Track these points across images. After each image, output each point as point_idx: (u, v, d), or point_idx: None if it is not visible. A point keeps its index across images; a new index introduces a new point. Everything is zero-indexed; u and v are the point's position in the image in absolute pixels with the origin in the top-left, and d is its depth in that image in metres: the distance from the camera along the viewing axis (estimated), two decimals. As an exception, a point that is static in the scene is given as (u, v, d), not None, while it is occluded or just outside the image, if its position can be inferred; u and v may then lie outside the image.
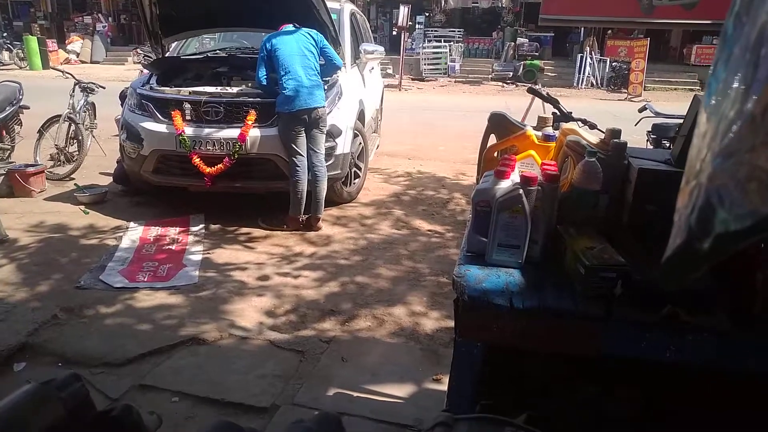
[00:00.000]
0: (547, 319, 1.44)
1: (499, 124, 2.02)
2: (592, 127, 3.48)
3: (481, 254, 1.65)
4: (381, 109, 7.66)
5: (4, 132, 6.13)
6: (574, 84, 17.61)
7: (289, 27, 4.39)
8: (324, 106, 4.39)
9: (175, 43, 5.87)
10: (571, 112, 3.51)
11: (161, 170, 4.74)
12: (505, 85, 17.87)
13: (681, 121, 4.34)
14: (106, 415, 0.63)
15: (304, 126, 4.33)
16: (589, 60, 17.58)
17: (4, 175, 5.36)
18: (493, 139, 2.05)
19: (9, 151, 6.14)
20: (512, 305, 1.44)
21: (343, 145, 4.81)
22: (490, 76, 18.79)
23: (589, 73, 17.65)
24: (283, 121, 4.33)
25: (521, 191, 1.55)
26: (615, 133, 1.85)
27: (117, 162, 5.50)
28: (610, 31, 19.14)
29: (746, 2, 0.48)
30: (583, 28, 19.66)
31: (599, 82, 17.67)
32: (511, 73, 18.39)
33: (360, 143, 5.25)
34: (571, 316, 1.42)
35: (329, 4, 5.26)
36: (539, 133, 1.89)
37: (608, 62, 17.50)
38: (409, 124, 9.74)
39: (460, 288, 1.51)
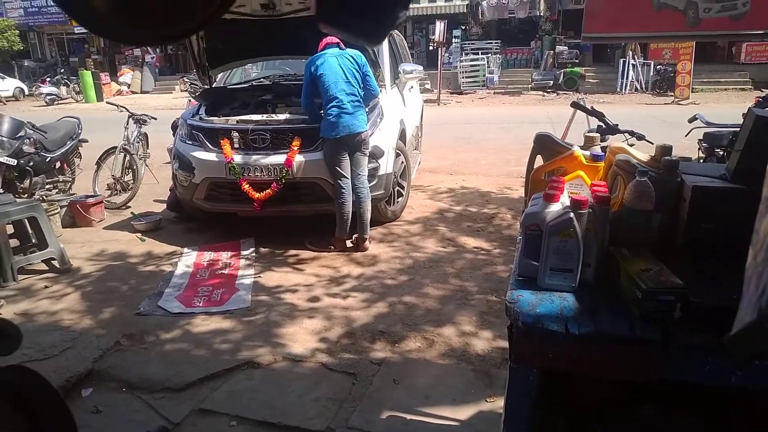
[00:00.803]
0: (604, 345, 1.42)
1: (545, 144, 2.01)
2: (640, 138, 3.41)
3: (532, 278, 1.64)
4: (421, 125, 7.71)
5: (66, 165, 6.48)
6: (618, 89, 17.25)
7: (334, 47, 4.47)
8: (366, 130, 4.46)
9: (221, 73, 6.09)
10: (617, 124, 3.45)
11: (212, 197, 4.91)
12: (545, 94, 17.67)
13: (734, 129, 4.21)
14: None
15: (347, 150, 4.42)
16: (632, 64, 17.21)
17: (66, 207, 5.66)
18: (539, 160, 2.04)
19: (70, 183, 6.48)
20: (567, 331, 1.43)
21: (386, 165, 4.87)
22: (529, 86, 18.63)
23: (632, 78, 17.27)
24: (328, 145, 4.43)
25: (572, 215, 1.54)
26: (666, 150, 1.81)
27: (170, 190, 5.72)
28: (653, 34, 18.60)
29: None
30: (624, 33, 19.20)
31: (644, 86, 17.25)
32: (552, 82, 18.18)
33: (402, 162, 5.30)
34: (629, 342, 1.39)
35: (367, 27, 5.35)
36: (587, 153, 1.87)
37: (652, 65, 17.09)
38: (450, 139, 9.75)
39: (513, 314, 1.51)
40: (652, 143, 2.48)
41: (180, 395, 2.82)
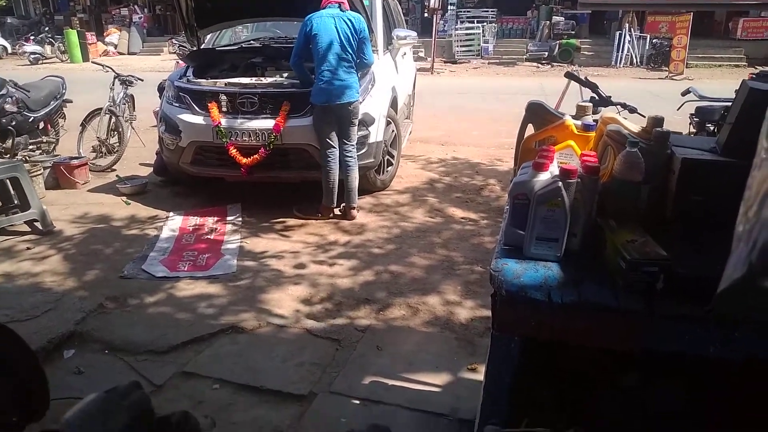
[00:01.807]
0: (587, 314, 1.42)
1: (536, 113, 1.98)
2: (633, 111, 3.38)
3: (518, 247, 1.62)
4: (413, 94, 7.61)
5: (50, 126, 6.34)
6: (613, 63, 17.10)
7: (335, 7, 4.29)
8: (357, 100, 4.38)
9: (210, 34, 5.94)
10: (610, 96, 3.42)
11: (199, 161, 4.84)
12: (540, 65, 17.49)
13: (726, 104, 4.18)
14: (166, 420, 0.66)
15: (337, 118, 4.34)
16: (627, 37, 17.03)
17: (50, 168, 5.56)
18: (530, 129, 2.01)
19: (54, 144, 6.35)
20: (551, 300, 1.42)
21: (376, 133, 4.81)
22: (524, 56, 18.41)
23: (628, 51, 17.11)
24: (317, 112, 4.35)
25: (560, 184, 1.52)
26: (657, 121, 1.79)
27: (156, 154, 5.63)
28: (650, 7, 18.42)
29: None
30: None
31: (639, 60, 17.11)
32: (547, 53, 17.97)
33: (393, 131, 5.24)
34: (612, 311, 1.39)
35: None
36: (578, 123, 1.84)
37: (648, 39, 16.92)
38: (442, 109, 9.65)
39: (497, 282, 1.50)
40: (644, 116, 2.45)
41: (163, 358, 2.82)
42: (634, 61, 17.12)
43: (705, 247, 1.50)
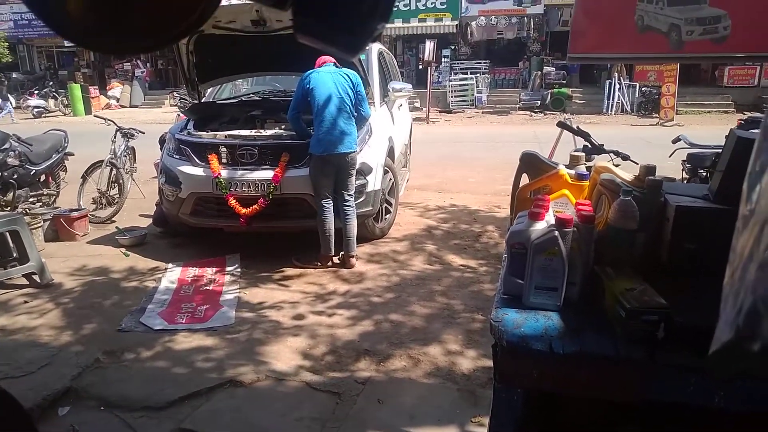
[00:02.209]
0: (588, 364, 1.42)
1: (531, 163, 2.02)
2: (625, 158, 3.44)
3: (518, 296, 1.63)
4: (410, 143, 7.74)
5: (51, 178, 6.41)
6: (604, 110, 17.49)
7: (330, 65, 4.45)
8: (355, 151, 4.46)
9: (211, 88, 6.10)
10: (602, 144, 3.49)
11: (198, 212, 4.87)
12: (533, 114, 17.86)
13: (717, 151, 4.27)
14: None
15: (334, 169, 4.41)
16: (617, 86, 17.49)
17: (50, 220, 5.59)
18: (525, 179, 2.05)
19: (54, 197, 6.40)
20: (552, 350, 1.42)
21: (374, 182, 4.87)
22: (517, 105, 18.83)
23: (618, 99, 17.54)
24: (315, 162, 4.42)
25: (557, 233, 1.54)
26: (650, 169, 1.83)
27: (156, 205, 5.67)
28: (638, 57, 18.98)
29: None
30: (610, 55, 19.58)
31: (629, 107, 17.52)
32: (539, 102, 18.39)
33: (390, 179, 5.31)
34: (613, 361, 1.39)
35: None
36: (572, 172, 1.88)
37: (638, 87, 17.38)
38: (438, 157, 9.79)
39: (498, 333, 1.50)
40: (637, 163, 2.50)
41: (160, 414, 2.76)
42: (625, 108, 17.53)
43: (702, 295, 1.51)
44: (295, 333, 3.57)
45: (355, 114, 4.46)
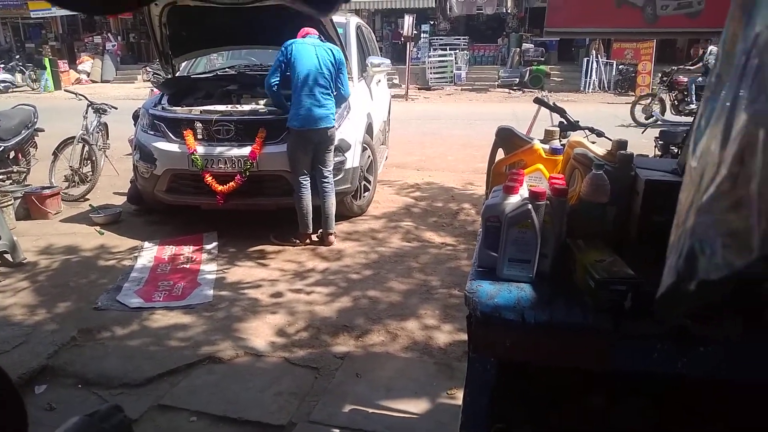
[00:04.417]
0: (558, 334, 1.45)
1: (506, 138, 2.04)
2: (600, 135, 3.48)
3: (492, 269, 1.66)
4: (388, 120, 7.71)
5: (20, 155, 6.25)
6: (581, 88, 17.60)
7: (314, 38, 4.36)
8: (334, 126, 4.43)
9: (185, 62, 5.97)
10: (578, 121, 3.52)
11: (174, 189, 4.81)
12: (511, 91, 17.89)
13: (687, 128, 4.34)
14: None
15: (312, 144, 4.38)
16: (595, 64, 17.59)
17: (20, 198, 5.46)
18: (501, 154, 2.07)
19: (25, 174, 6.25)
20: (524, 320, 1.46)
21: (353, 159, 4.85)
22: (496, 83, 18.83)
23: (595, 77, 17.66)
24: (293, 137, 4.38)
25: (530, 206, 1.57)
26: (621, 144, 1.86)
27: (130, 182, 5.58)
28: (615, 34, 19.12)
29: (725, 65, 0.51)
30: (588, 32, 19.67)
31: (606, 85, 17.66)
32: (518, 80, 18.41)
33: (369, 156, 5.30)
34: (582, 330, 1.43)
35: (336, 18, 5.34)
36: (546, 147, 1.90)
37: (615, 65, 17.50)
38: (417, 135, 9.78)
39: (472, 304, 1.53)
40: (611, 140, 2.54)
41: (138, 391, 2.76)
42: (602, 86, 17.66)
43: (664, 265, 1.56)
44: (273, 310, 3.58)
45: (335, 92, 4.41)
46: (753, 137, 0.47)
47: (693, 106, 10.34)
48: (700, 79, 11.12)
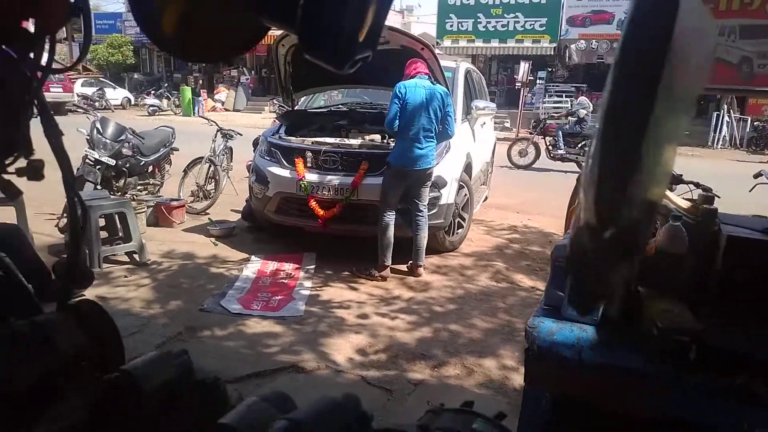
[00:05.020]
0: (616, 377, 1.47)
1: (587, 184, 2.08)
2: (706, 190, 3.32)
3: (558, 308, 1.71)
4: (492, 162, 7.77)
5: (157, 170, 7.07)
6: (709, 143, 16.50)
7: (424, 78, 4.51)
8: (433, 166, 4.57)
9: (305, 97, 6.50)
10: (681, 175, 3.40)
11: (282, 211, 5.22)
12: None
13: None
14: (202, 381, 0.84)
15: (407, 181, 4.55)
16: (726, 119, 16.45)
17: (152, 207, 6.18)
18: (582, 199, 2.11)
19: (159, 187, 7.05)
20: (581, 358, 1.49)
21: (448, 195, 4.99)
22: (612, 132, 18.16)
23: (726, 133, 16.49)
24: (390, 172, 4.58)
25: (598, 249, 1.61)
26: (708, 199, 1.84)
27: (246, 201, 6.11)
28: (752, 89, 17.84)
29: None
30: (720, 85, 18.51)
31: (739, 142, 16.41)
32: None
33: (465, 194, 5.40)
34: (640, 376, 1.44)
35: (446, 63, 5.58)
36: (627, 195, 1.92)
37: (749, 121, 16.25)
38: (522, 178, 9.72)
39: (531, 338, 1.59)
40: (719, 197, 2.44)
41: (229, 387, 3.02)
42: (735, 143, 16.44)
43: (741, 323, 1.52)
44: (357, 330, 3.76)
45: (440, 129, 4.58)
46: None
47: None
48: None
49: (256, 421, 0.70)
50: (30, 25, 0.75)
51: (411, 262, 4.78)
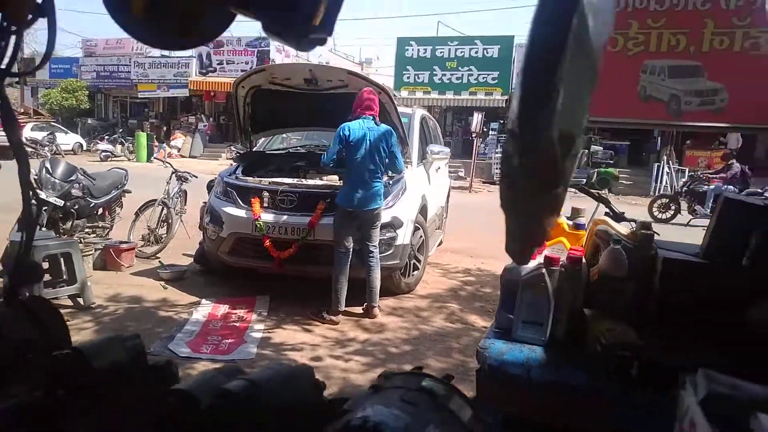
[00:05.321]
0: (563, 394, 1.49)
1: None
2: (645, 224, 3.49)
3: (509, 330, 1.74)
4: (447, 207, 7.93)
5: (107, 212, 6.88)
6: (651, 193, 17.32)
7: (369, 119, 4.57)
8: (380, 207, 4.61)
9: (263, 139, 6.54)
10: (623, 213, 3.56)
11: (236, 252, 5.13)
12: (577, 191, 17.82)
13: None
14: (153, 365, 0.82)
15: (358, 222, 4.57)
16: (666, 169, 17.38)
17: (101, 250, 5.97)
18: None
19: (108, 230, 6.84)
20: (530, 377, 1.51)
21: (404, 236, 5.03)
22: (562, 182, 18.86)
23: (666, 183, 17.38)
24: (339, 213, 4.59)
25: (544, 271, 1.66)
26: (645, 225, 1.94)
27: (199, 244, 5.99)
28: (688, 141, 19.00)
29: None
30: (660, 138, 19.68)
31: (678, 193, 17.30)
32: (585, 180, 18.37)
33: (421, 236, 5.47)
34: (586, 393, 1.46)
35: (403, 110, 5.75)
36: (570, 222, 2.01)
37: (687, 172, 17.22)
38: (476, 224, 9.89)
39: (482, 358, 1.61)
40: (658, 234, 2.56)
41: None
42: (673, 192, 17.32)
43: (682, 340, 1.58)
44: (310, 372, 3.67)
45: (387, 170, 4.66)
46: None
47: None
48: (724, 187, 11.61)
49: (210, 384, 0.69)
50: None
51: (366, 303, 4.75)
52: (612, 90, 2.15)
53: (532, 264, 1.72)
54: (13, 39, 0.81)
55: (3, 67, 0.83)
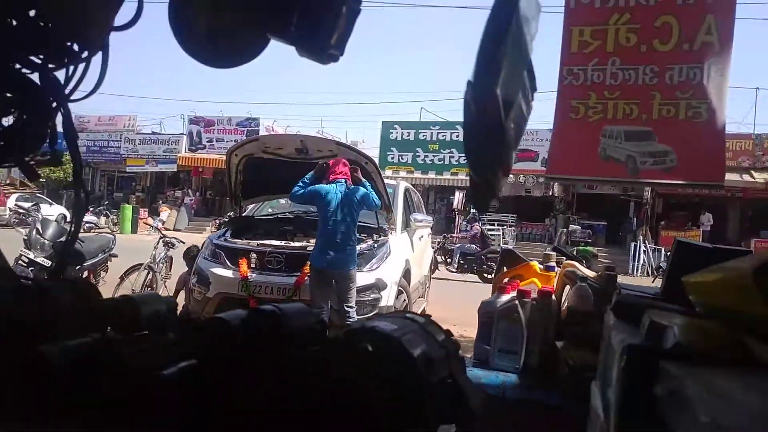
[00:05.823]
0: (535, 413, 1.62)
1: (509, 257, 2.35)
2: (610, 268, 3.69)
3: (486, 361, 1.88)
4: (429, 276, 8.08)
5: (92, 276, 6.90)
6: (629, 271, 17.70)
7: (342, 184, 4.79)
8: (353, 268, 4.74)
9: (253, 204, 6.75)
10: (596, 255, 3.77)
11: (221, 312, 5.16)
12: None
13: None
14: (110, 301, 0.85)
15: (331, 282, 4.70)
16: (643, 248, 17.88)
17: (83, 313, 5.95)
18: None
19: (92, 293, 6.84)
20: (504, 396, 1.65)
21: (387, 298, 5.15)
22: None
23: (644, 262, 17.82)
24: (314, 272, 4.74)
25: (518, 302, 1.83)
26: (609, 267, 2.14)
27: (183, 306, 6.01)
28: (663, 222, 19.68)
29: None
30: (635, 219, 20.36)
31: (655, 270, 17.71)
32: (564, 259, 18.76)
33: (404, 300, 5.58)
34: (555, 410, 1.60)
35: (388, 182, 6.05)
36: (542, 266, 2.20)
37: (663, 252, 17.72)
38: (459, 295, 10.01)
39: (460, 382, 1.73)
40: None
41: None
42: (651, 271, 17.74)
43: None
44: None
45: (356, 229, 4.79)
46: None
47: None
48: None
49: (243, 316, 0.78)
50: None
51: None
52: (577, 151, 2.41)
53: (507, 297, 1.90)
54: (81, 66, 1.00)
55: (67, 91, 1.02)
